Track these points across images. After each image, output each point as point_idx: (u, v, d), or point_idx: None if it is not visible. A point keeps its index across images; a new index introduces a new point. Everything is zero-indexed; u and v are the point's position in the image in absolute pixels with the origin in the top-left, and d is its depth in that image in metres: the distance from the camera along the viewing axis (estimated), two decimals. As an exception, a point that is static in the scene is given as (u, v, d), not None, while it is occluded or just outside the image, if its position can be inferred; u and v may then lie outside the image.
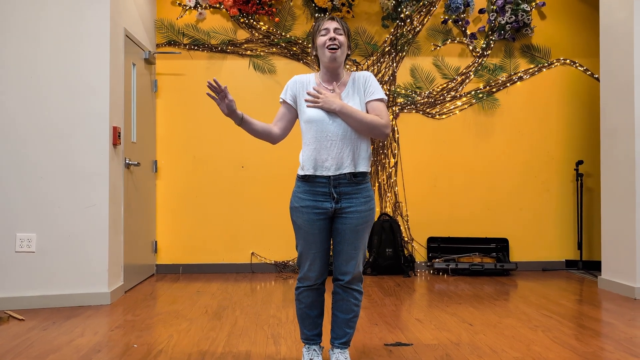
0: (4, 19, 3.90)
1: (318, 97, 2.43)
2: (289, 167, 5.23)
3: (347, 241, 2.47)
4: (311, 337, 2.65)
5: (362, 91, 2.51)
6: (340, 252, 2.50)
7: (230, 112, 2.41)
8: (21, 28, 3.92)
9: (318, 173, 2.44)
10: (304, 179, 2.49)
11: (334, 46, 2.43)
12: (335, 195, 2.45)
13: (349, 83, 2.52)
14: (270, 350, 2.94)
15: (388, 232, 5.25)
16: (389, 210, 5.47)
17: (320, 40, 2.46)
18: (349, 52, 2.55)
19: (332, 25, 2.46)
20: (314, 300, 2.59)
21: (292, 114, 2.57)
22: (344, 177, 2.44)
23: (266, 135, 2.53)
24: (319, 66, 2.58)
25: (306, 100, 2.46)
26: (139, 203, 4.79)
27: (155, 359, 2.81)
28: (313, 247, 2.50)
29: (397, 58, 5.51)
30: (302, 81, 2.54)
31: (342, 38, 2.46)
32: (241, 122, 2.46)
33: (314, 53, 2.53)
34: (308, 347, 2.65)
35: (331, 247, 2.57)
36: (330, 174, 2.43)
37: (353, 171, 2.44)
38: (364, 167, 2.48)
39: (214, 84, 2.35)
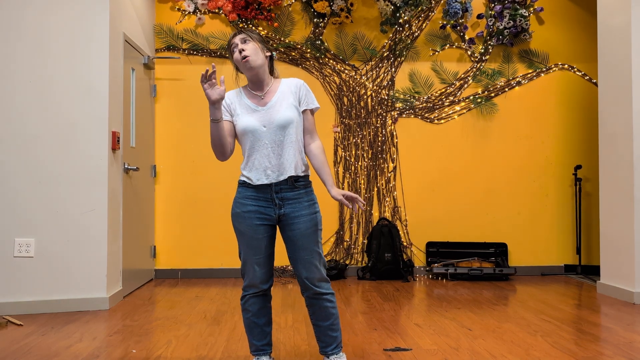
0: (8, 26, 3.92)
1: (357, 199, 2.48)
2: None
3: (301, 247, 2.46)
4: (261, 347, 2.59)
5: (297, 96, 2.53)
6: (297, 260, 2.48)
7: (219, 100, 2.33)
8: (23, 34, 3.93)
9: (261, 182, 2.45)
10: (244, 184, 2.50)
11: (245, 55, 2.46)
12: (277, 202, 2.46)
13: (279, 89, 2.55)
14: (269, 356, 2.93)
15: (387, 236, 5.24)
16: (387, 215, 5.48)
17: (234, 56, 2.51)
18: (270, 54, 2.58)
19: (237, 39, 2.50)
20: (260, 307, 2.56)
21: (233, 128, 2.55)
22: (286, 183, 2.46)
23: (225, 146, 2.48)
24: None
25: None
26: (137, 208, 4.78)
27: (154, 364, 2.81)
28: (257, 252, 2.48)
29: (396, 63, 5.52)
30: (229, 96, 2.56)
31: (251, 44, 2.48)
32: (217, 119, 2.38)
33: (236, 71, 2.57)
34: (258, 359, 2.60)
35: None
36: (272, 181, 2.45)
37: (293, 174, 2.46)
38: (304, 171, 2.51)
39: (210, 71, 2.29)
